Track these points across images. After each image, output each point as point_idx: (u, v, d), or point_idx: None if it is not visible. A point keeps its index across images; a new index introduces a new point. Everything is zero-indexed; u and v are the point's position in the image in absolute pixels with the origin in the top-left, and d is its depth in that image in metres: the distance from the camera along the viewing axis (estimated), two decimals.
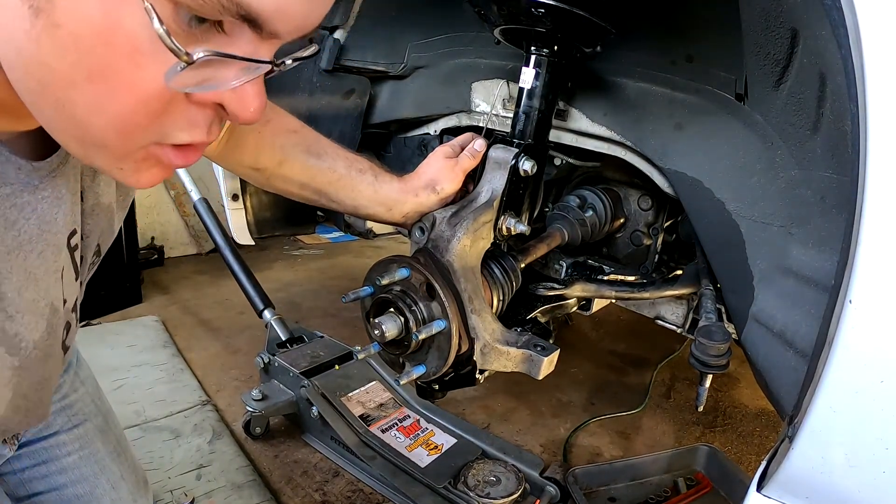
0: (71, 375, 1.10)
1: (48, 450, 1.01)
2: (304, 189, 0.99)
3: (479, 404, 2.18)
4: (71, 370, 1.11)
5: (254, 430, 1.83)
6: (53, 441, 1.02)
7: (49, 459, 1.01)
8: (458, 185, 1.01)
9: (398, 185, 0.99)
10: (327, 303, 2.96)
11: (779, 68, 0.80)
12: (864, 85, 0.54)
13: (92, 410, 1.10)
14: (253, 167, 0.96)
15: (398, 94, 1.66)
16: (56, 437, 1.02)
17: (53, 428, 1.02)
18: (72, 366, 1.12)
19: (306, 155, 0.97)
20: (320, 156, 0.98)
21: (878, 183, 0.55)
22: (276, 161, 0.95)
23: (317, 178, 0.97)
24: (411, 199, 0.98)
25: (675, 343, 2.73)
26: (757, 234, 0.96)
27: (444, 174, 1.00)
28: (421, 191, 0.98)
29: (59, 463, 1.01)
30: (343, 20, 1.52)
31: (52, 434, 1.02)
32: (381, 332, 0.89)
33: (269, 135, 0.95)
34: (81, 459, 1.03)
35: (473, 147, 1.03)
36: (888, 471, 0.61)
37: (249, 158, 0.95)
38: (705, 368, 0.92)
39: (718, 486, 1.74)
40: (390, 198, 0.98)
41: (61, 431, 1.03)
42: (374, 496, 1.66)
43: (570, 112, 1.24)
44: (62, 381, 1.07)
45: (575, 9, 0.92)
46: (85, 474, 1.03)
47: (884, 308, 0.56)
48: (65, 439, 1.03)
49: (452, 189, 1.00)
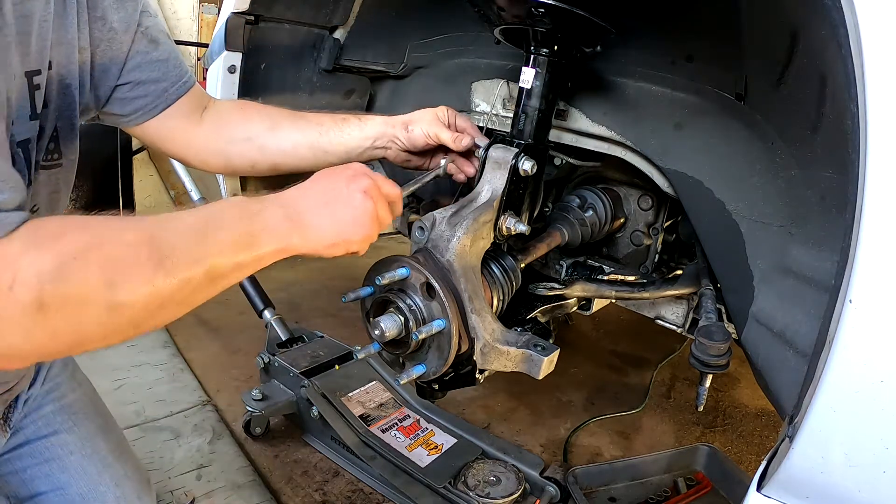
0: (68, 377, 1.10)
1: (50, 448, 1.01)
2: (298, 147, 1.05)
3: (479, 404, 2.18)
4: (67, 370, 1.11)
5: (254, 430, 1.83)
6: (56, 440, 1.02)
7: (52, 458, 1.00)
8: (428, 140, 1.08)
9: (381, 120, 1.10)
10: (327, 303, 2.95)
11: (779, 68, 0.80)
12: (864, 85, 0.54)
13: (92, 410, 1.10)
14: (245, 137, 1.04)
15: (398, 94, 1.66)
16: (58, 436, 1.02)
17: (54, 427, 1.02)
18: (68, 366, 1.12)
19: (292, 117, 1.08)
20: (305, 116, 1.09)
21: (878, 183, 0.55)
22: (266, 126, 1.05)
23: (308, 134, 1.06)
24: (389, 130, 1.09)
25: (675, 343, 2.73)
26: (757, 234, 0.96)
27: (422, 121, 1.08)
28: (398, 124, 1.09)
29: (62, 462, 1.01)
30: (343, 20, 1.52)
31: (53, 433, 1.02)
32: (381, 331, 0.89)
33: (252, 107, 1.08)
34: (84, 458, 1.03)
35: (461, 137, 1.07)
36: (888, 471, 0.61)
37: (239, 130, 1.04)
38: (705, 368, 0.92)
39: (718, 486, 1.74)
40: (375, 130, 1.09)
41: (62, 431, 1.03)
42: (374, 496, 1.66)
43: (571, 112, 1.24)
44: (59, 380, 1.07)
45: (575, 9, 0.92)
46: (89, 473, 1.03)
47: (884, 308, 0.56)
48: (67, 439, 1.03)
49: (422, 136, 1.07)
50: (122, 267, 0.56)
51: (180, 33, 5.63)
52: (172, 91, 0.95)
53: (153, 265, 0.58)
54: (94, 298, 0.55)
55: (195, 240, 0.63)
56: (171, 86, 0.95)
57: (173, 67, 0.95)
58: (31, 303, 0.52)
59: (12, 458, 0.99)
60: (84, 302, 0.55)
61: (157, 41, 0.93)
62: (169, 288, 0.59)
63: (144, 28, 0.90)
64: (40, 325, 0.53)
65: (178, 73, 0.96)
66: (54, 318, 0.53)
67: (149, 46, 0.91)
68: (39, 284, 0.52)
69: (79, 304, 0.54)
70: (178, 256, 0.60)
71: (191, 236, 0.64)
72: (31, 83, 0.72)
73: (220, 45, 1.41)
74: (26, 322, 0.52)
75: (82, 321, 0.55)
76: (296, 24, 1.49)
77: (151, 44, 0.92)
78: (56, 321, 0.54)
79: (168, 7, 5.41)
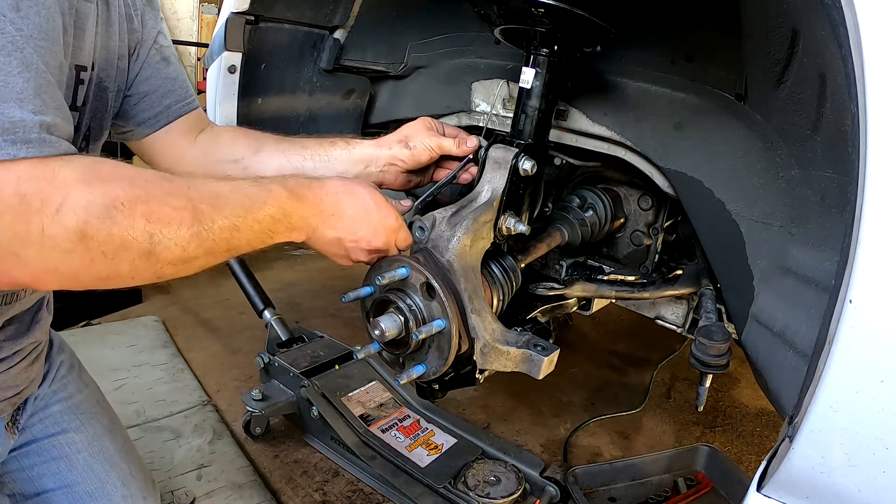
0: (75, 377, 1.11)
1: (58, 447, 1.02)
2: (283, 170, 1.04)
3: (479, 404, 2.18)
4: (74, 371, 1.12)
5: (254, 430, 1.83)
6: (63, 439, 1.03)
7: (59, 457, 1.02)
8: (429, 153, 1.05)
9: (371, 142, 1.06)
10: (327, 303, 2.95)
11: (779, 68, 0.80)
12: (864, 85, 0.54)
13: (98, 410, 1.12)
14: (231, 159, 1.05)
15: (398, 94, 1.66)
16: (66, 434, 1.04)
17: (62, 426, 1.04)
18: (74, 367, 1.13)
19: (279, 141, 1.08)
20: (292, 140, 1.09)
21: (878, 183, 0.55)
22: (252, 149, 1.06)
23: (293, 158, 1.06)
24: (385, 152, 1.05)
25: (675, 343, 2.73)
26: (757, 234, 0.96)
27: (419, 134, 1.05)
28: (394, 144, 1.05)
29: (70, 460, 1.02)
30: (343, 20, 1.52)
31: (61, 431, 1.03)
32: (381, 331, 0.89)
33: (241, 132, 1.11)
34: (92, 457, 1.05)
35: (463, 139, 1.06)
36: (888, 470, 0.61)
37: (226, 151, 1.06)
38: (705, 368, 0.92)
39: (718, 486, 1.74)
40: (365, 154, 1.05)
41: (70, 430, 1.04)
42: (374, 496, 1.66)
43: (571, 112, 1.24)
44: (66, 381, 1.08)
45: (575, 9, 0.92)
46: (96, 471, 1.04)
47: (884, 308, 0.56)
48: (75, 438, 1.04)
49: (425, 150, 1.05)
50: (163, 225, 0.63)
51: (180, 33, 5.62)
52: (176, 108, 1.01)
53: (190, 233, 0.66)
54: (133, 245, 0.61)
55: (232, 222, 0.71)
56: (174, 103, 1.01)
57: (180, 87, 1.02)
58: (74, 230, 0.57)
59: (19, 456, 1.00)
60: (124, 245, 0.60)
61: (168, 60, 1.00)
62: (195, 253, 0.68)
63: (159, 46, 0.98)
64: (80, 252, 0.58)
65: (184, 93, 1.02)
66: (94, 250, 0.59)
67: (161, 63, 0.98)
68: (86, 217, 0.57)
69: (119, 245, 0.60)
70: (214, 231, 0.68)
71: (230, 215, 0.70)
72: (77, 76, 0.78)
73: (220, 45, 1.41)
74: (67, 245, 0.57)
75: (117, 259, 0.61)
76: (296, 24, 1.49)
77: (163, 61, 0.99)
78: (94, 253, 0.59)
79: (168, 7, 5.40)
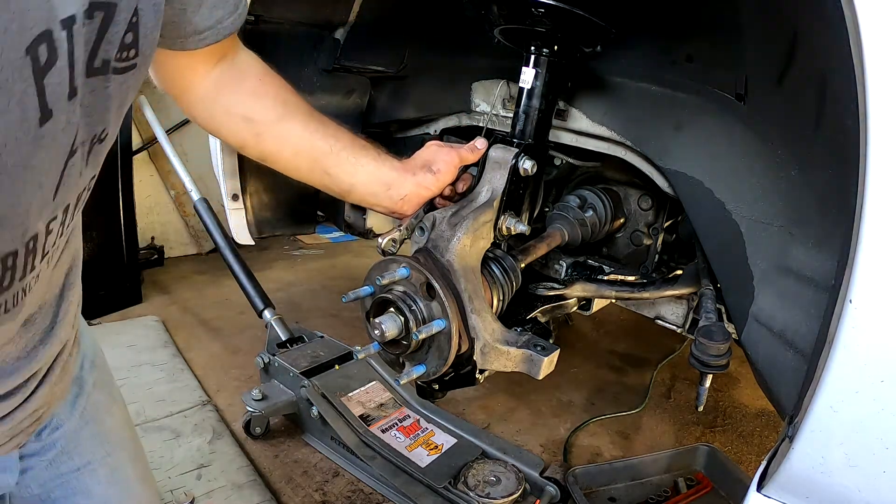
0: (106, 395, 0.92)
1: (80, 480, 0.85)
2: (298, 156, 0.91)
3: (479, 404, 2.18)
4: (105, 390, 0.93)
5: (254, 430, 1.83)
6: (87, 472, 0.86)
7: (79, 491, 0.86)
8: (453, 170, 0.99)
9: (399, 164, 0.96)
10: (327, 303, 2.96)
11: (779, 68, 0.80)
12: (864, 84, 0.54)
13: (125, 436, 0.96)
14: (245, 116, 0.87)
15: (398, 95, 1.66)
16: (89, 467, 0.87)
17: (87, 458, 0.87)
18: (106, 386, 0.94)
19: (309, 117, 0.90)
20: (324, 122, 0.91)
21: (879, 183, 0.55)
22: (275, 114, 0.88)
23: (317, 145, 0.90)
24: (410, 178, 0.95)
25: (675, 343, 2.73)
26: (757, 234, 0.96)
27: (438, 156, 0.98)
28: (418, 170, 0.96)
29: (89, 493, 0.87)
30: (343, 20, 1.52)
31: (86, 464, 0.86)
32: (381, 331, 0.88)
33: (271, 85, 0.88)
34: (111, 486, 0.90)
35: (475, 144, 1.03)
36: (888, 471, 0.61)
37: (243, 105, 0.87)
38: (705, 368, 0.92)
39: (718, 486, 1.74)
40: (391, 176, 0.94)
41: (95, 462, 0.88)
42: (374, 496, 1.66)
43: (571, 112, 1.24)
44: (98, 399, 0.90)
45: (575, 9, 0.92)
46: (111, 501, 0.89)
47: (884, 308, 0.56)
48: (100, 472, 0.88)
49: (447, 170, 0.98)
50: None
51: None
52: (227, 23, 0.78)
53: None
54: None
55: None
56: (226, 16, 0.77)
57: None
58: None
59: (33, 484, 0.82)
60: None
61: None
62: None
63: None
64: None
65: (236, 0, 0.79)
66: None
67: None
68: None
69: None
70: None
71: None
72: None
73: None
74: None
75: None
76: (295, 24, 1.49)
77: None
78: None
79: None
